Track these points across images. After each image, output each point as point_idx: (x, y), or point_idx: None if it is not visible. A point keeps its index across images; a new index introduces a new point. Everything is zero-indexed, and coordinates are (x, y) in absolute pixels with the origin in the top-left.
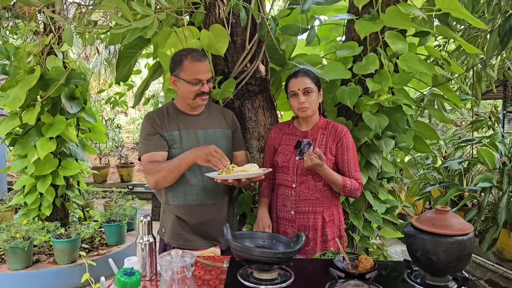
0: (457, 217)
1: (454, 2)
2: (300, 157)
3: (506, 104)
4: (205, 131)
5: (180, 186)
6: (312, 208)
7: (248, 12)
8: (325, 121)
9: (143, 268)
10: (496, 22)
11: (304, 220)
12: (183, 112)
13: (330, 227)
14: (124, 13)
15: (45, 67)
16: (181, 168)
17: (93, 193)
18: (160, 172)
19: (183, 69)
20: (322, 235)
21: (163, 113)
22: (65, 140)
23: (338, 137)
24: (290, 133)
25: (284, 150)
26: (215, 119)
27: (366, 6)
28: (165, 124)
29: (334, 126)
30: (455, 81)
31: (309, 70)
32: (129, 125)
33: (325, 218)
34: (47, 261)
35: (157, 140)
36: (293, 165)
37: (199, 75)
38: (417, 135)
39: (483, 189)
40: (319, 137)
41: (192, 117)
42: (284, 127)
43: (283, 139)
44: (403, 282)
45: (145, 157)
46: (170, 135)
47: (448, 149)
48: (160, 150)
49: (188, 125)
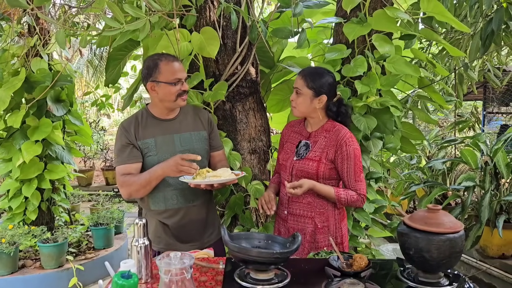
0: (448, 215)
1: (438, 6)
2: (297, 157)
3: (486, 105)
4: (180, 135)
5: (160, 191)
6: (303, 212)
7: (239, 15)
8: (331, 125)
9: (139, 271)
10: (478, 26)
11: (294, 223)
12: (157, 117)
13: (322, 234)
14: (116, 16)
15: (30, 69)
16: (152, 182)
17: (79, 196)
18: (132, 185)
19: (161, 72)
20: (313, 241)
21: (137, 121)
22: (51, 143)
23: (339, 144)
24: (297, 131)
25: (287, 148)
26: (190, 122)
27: (353, 9)
28: (138, 133)
29: (337, 131)
30: (439, 83)
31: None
32: (112, 128)
33: (317, 224)
34: (33, 266)
35: (130, 152)
36: (290, 164)
37: (178, 74)
38: (404, 136)
39: (466, 188)
40: (320, 140)
41: (166, 122)
42: (296, 125)
43: (290, 136)
44: (397, 279)
45: (119, 169)
46: (145, 143)
47: (431, 149)
48: (133, 162)
49: (163, 130)
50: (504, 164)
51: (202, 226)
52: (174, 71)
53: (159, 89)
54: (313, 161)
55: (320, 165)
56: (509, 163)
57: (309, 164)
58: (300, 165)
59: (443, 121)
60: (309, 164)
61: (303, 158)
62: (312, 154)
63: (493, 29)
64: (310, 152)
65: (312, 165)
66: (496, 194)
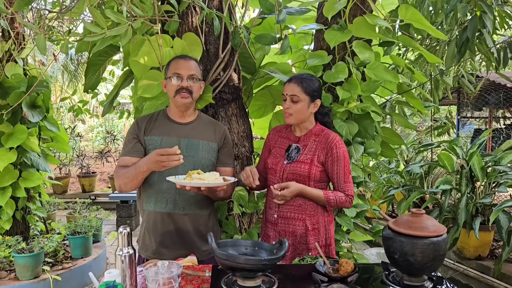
0: (431, 219)
1: (416, 13)
2: (288, 161)
3: (460, 110)
4: (188, 140)
5: (153, 192)
6: (294, 214)
7: (221, 21)
8: (320, 129)
9: (123, 280)
10: (453, 33)
11: (285, 225)
12: (171, 119)
13: (313, 236)
14: (97, 21)
15: (4, 75)
16: (138, 177)
17: (54, 204)
18: (121, 177)
19: (169, 68)
20: (305, 243)
21: (152, 118)
22: (26, 150)
23: (329, 146)
24: (285, 136)
25: (276, 153)
26: (203, 130)
27: (334, 16)
28: (148, 128)
29: (326, 135)
30: (416, 89)
31: (306, 78)
32: (87, 134)
33: (308, 226)
34: (7, 277)
35: (134, 146)
36: (281, 168)
37: (178, 70)
38: (384, 140)
39: (443, 191)
40: (310, 144)
41: (178, 125)
42: (282, 130)
43: (277, 141)
44: (382, 283)
45: (119, 160)
46: (151, 139)
47: (409, 153)
48: (133, 156)
49: (172, 132)
50: (479, 167)
51: (196, 237)
52: (176, 66)
53: (167, 85)
54: (305, 163)
55: (312, 167)
56: (483, 166)
57: (301, 167)
58: (291, 168)
59: (419, 125)
60: (301, 166)
61: (295, 161)
62: (304, 157)
63: (468, 36)
64: (302, 155)
65: (304, 167)
66: (472, 197)
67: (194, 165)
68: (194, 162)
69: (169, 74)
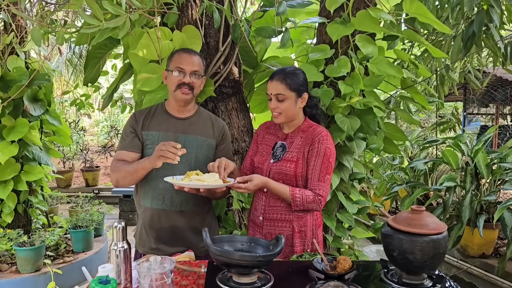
0: (432, 216)
1: (421, 7)
2: (274, 160)
3: (466, 106)
4: (186, 136)
5: (150, 189)
6: (281, 215)
7: (222, 13)
8: (308, 124)
9: (118, 276)
10: (459, 28)
11: (271, 228)
12: (169, 113)
13: (299, 239)
14: (95, 13)
15: (6, 68)
16: (138, 172)
17: (57, 198)
18: (120, 172)
19: (171, 60)
20: (291, 245)
21: (150, 112)
22: (27, 144)
23: (312, 140)
24: (273, 133)
25: (262, 151)
26: (202, 126)
27: (337, 9)
28: (146, 123)
29: (313, 130)
30: (421, 84)
31: (289, 73)
32: (93, 128)
33: (295, 228)
34: (9, 270)
35: (131, 140)
36: (267, 167)
37: (182, 64)
38: (387, 136)
39: (447, 188)
40: (296, 140)
41: (176, 120)
42: (271, 126)
43: (265, 138)
44: (380, 281)
45: (116, 154)
46: (149, 134)
47: (413, 150)
48: (131, 151)
49: (169, 127)
50: (484, 164)
51: (193, 234)
52: (179, 60)
53: (167, 78)
54: (291, 162)
55: (298, 166)
56: (489, 163)
57: (287, 166)
58: (277, 168)
59: (424, 122)
60: (286, 165)
61: (280, 160)
62: (289, 155)
63: (474, 31)
64: (287, 153)
65: (290, 166)
66: (476, 194)
67: (192, 161)
68: (191, 158)
69: (171, 67)
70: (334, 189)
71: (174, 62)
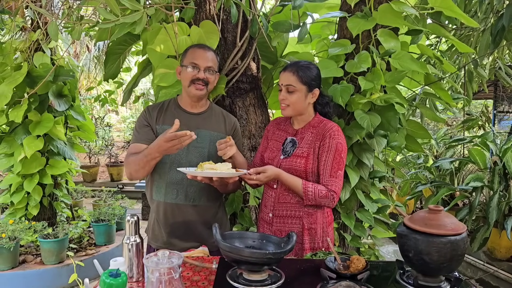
0: (450, 216)
1: (446, 0)
2: (284, 155)
3: (496, 104)
4: (199, 131)
5: (163, 182)
6: (291, 212)
7: (239, 8)
8: (319, 120)
9: (130, 269)
10: (488, 21)
11: (280, 225)
12: (182, 108)
13: (309, 236)
14: (111, 8)
15: (32, 64)
16: (149, 162)
17: (82, 192)
18: (131, 164)
19: (186, 56)
20: (300, 242)
21: (163, 107)
22: (52, 138)
23: (323, 135)
24: (283, 129)
25: (272, 147)
26: (214, 122)
27: (358, 3)
28: (160, 117)
29: (324, 125)
30: (447, 80)
31: (302, 66)
32: (120, 124)
33: (305, 225)
34: (33, 261)
35: (145, 133)
36: (277, 163)
37: (196, 60)
38: (409, 134)
39: (474, 188)
40: (307, 136)
41: (189, 115)
42: (281, 122)
43: (275, 134)
44: (395, 282)
45: (130, 147)
46: (163, 128)
47: (439, 148)
48: (145, 143)
49: (183, 121)
50: None
51: (205, 229)
52: (194, 56)
53: (181, 73)
54: (301, 157)
55: (308, 162)
56: None
57: (297, 161)
58: (287, 164)
59: (452, 120)
60: (297, 161)
61: (290, 156)
62: (299, 150)
63: (503, 24)
64: (297, 149)
65: (300, 162)
66: (505, 195)
67: (205, 156)
68: (204, 153)
69: (185, 62)
70: (353, 187)
71: (188, 57)
